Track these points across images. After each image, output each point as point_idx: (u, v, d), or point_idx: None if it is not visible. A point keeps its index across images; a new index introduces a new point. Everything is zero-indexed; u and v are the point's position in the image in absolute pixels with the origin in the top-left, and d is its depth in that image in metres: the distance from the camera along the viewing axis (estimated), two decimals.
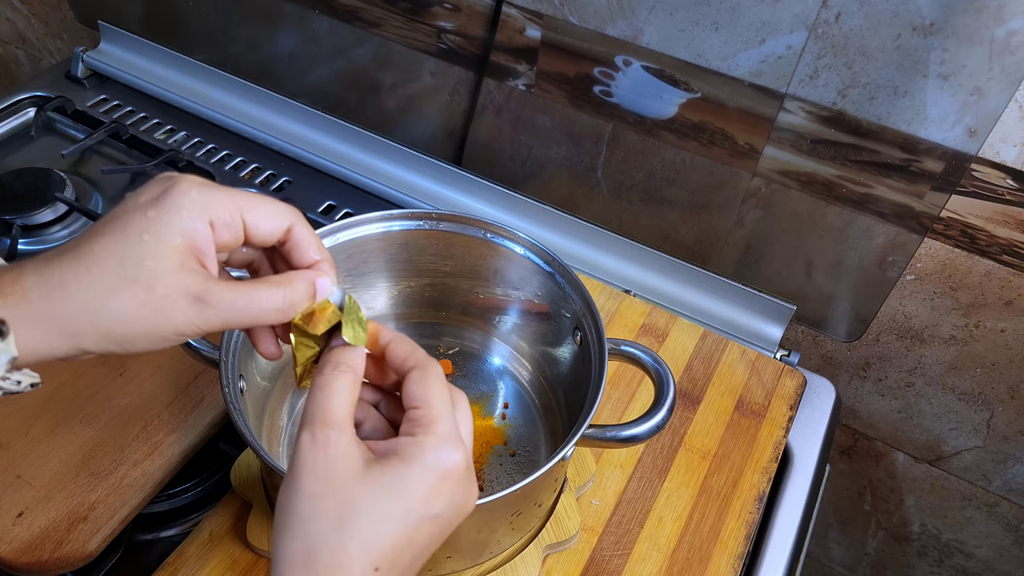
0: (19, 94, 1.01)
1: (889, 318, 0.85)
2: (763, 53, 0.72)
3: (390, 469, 0.35)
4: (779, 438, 0.68)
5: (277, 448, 0.62)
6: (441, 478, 0.36)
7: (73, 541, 0.55)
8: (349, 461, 0.35)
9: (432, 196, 0.91)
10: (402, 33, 0.93)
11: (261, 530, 0.56)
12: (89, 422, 0.61)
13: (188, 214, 0.36)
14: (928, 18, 0.63)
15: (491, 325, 0.69)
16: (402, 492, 0.35)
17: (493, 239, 0.62)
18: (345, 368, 0.38)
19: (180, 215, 0.36)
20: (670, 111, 0.81)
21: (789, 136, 0.75)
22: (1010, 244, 0.73)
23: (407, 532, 0.35)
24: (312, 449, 0.35)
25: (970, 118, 0.66)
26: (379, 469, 0.35)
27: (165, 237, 0.35)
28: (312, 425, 0.36)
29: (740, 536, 0.62)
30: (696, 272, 0.82)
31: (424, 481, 0.36)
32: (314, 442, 0.35)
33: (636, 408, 0.69)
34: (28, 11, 1.39)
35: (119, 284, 0.35)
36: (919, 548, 1.05)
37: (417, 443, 0.36)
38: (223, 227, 0.37)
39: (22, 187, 0.85)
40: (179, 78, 1.04)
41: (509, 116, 0.93)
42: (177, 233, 0.35)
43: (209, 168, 0.92)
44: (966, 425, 0.89)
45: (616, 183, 0.90)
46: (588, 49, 0.81)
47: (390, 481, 0.35)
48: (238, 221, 0.37)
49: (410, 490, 0.35)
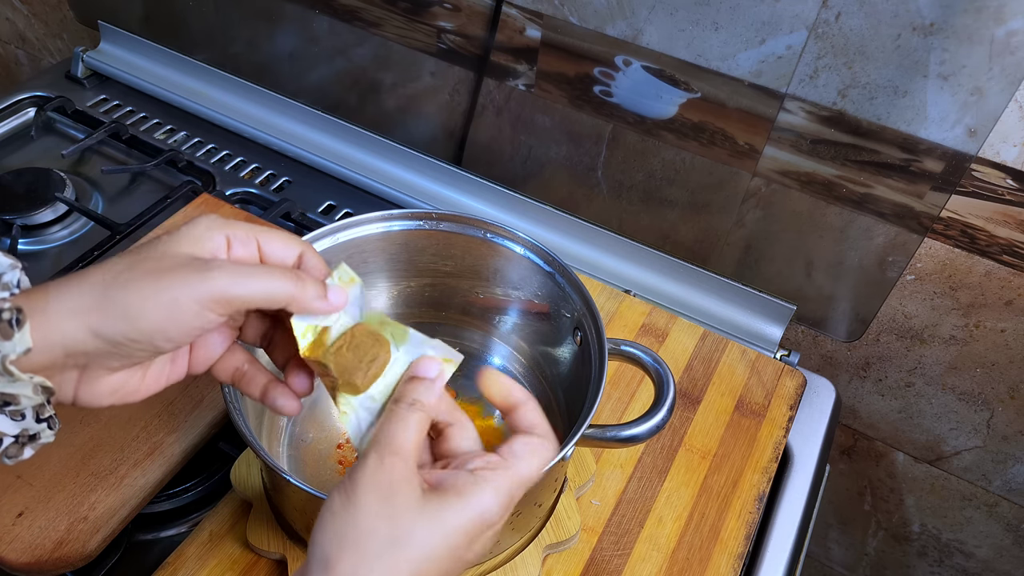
0: (19, 94, 1.01)
1: (889, 318, 0.85)
2: (763, 53, 0.72)
3: (448, 505, 0.36)
4: (779, 438, 0.68)
5: (277, 448, 0.62)
6: (487, 526, 0.37)
7: (73, 541, 0.55)
8: (410, 488, 0.36)
9: (432, 196, 0.91)
10: (402, 33, 0.93)
11: (261, 530, 0.56)
12: (89, 422, 0.61)
13: (206, 225, 0.39)
14: (928, 18, 0.63)
15: (491, 325, 0.69)
16: (455, 530, 0.36)
17: (493, 239, 0.62)
18: (420, 406, 0.40)
19: (198, 227, 0.39)
20: (670, 111, 0.81)
21: (789, 136, 0.75)
22: (1010, 244, 0.73)
23: (445, 566, 0.36)
24: (378, 470, 0.36)
25: (970, 118, 0.66)
26: (437, 502, 0.36)
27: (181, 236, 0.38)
28: (382, 451, 0.37)
29: (740, 536, 0.62)
30: (696, 272, 0.82)
31: (474, 524, 0.37)
32: (380, 464, 0.37)
33: (636, 408, 0.69)
34: (28, 11, 1.39)
35: (131, 264, 0.37)
36: (919, 548, 1.05)
37: (476, 484, 0.37)
38: (239, 244, 0.40)
39: (22, 187, 0.85)
40: (179, 78, 1.04)
41: (509, 116, 0.93)
42: (194, 236, 0.39)
43: (209, 168, 0.92)
44: (966, 425, 0.89)
45: (616, 183, 0.90)
46: (588, 49, 0.81)
47: (447, 517, 0.36)
48: (253, 242, 0.40)
49: (461, 531, 0.36)
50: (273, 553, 0.56)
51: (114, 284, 0.36)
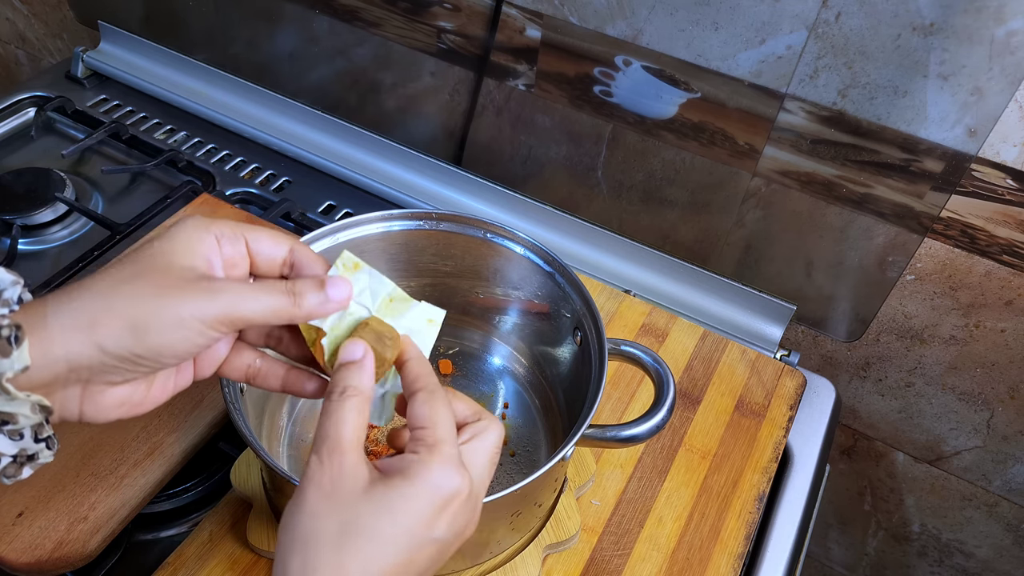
0: (19, 94, 1.01)
1: (889, 318, 0.85)
2: (763, 53, 0.72)
3: (393, 487, 0.36)
4: (779, 438, 0.68)
5: (277, 448, 0.62)
6: (445, 501, 0.36)
7: (73, 541, 0.55)
8: (354, 479, 0.36)
9: (432, 196, 0.91)
10: (402, 33, 0.93)
11: (261, 530, 0.56)
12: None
13: (193, 225, 0.39)
14: (928, 18, 0.63)
15: (491, 325, 0.69)
16: (405, 512, 0.35)
17: (493, 239, 0.62)
18: (352, 392, 0.39)
19: (186, 227, 0.39)
20: (670, 111, 0.81)
21: (789, 136, 0.75)
22: (1010, 244, 0.73)
23: (408, 553, 0.35)
24: (319, 470, 0.36)
25: (970, 118, 0.66)
26: (383, 487, 0.36)
27: (174, 240, 0.38)
28: (320, 449, 0.37)
29: (740, 536, 0.62)
30: (696, 272, 0.82)
31: (427, 501, 0.36)
32: (320, 464, 0.36)
33: (636, 408, 0.69)
34: (28, 11, 1.39)
35: (134, 274, 0.37)
36: (919, 548, 1.05)
37: (421, 461, 0.37)
38: (227, 242, 0.39)
39: (22, 187, 0.85)
40: (179, 78, 1.04)
41: (509, 116, 0.93)
42: (185, 238, 0.38)
43: (209, 168, 0.92)
44: (966, 425, 0.89)
45: (616, 183, 0.90)
46: (588, 49, 0.81)
47: (393, 499, 0.35)
48: (241, 239, 0.40)
49: (413, 511, 0.36)
50: (273, 553, 0.56)
51: (118, 297, 0.36)
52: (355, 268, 0.43)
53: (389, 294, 0.44)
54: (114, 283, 0.36)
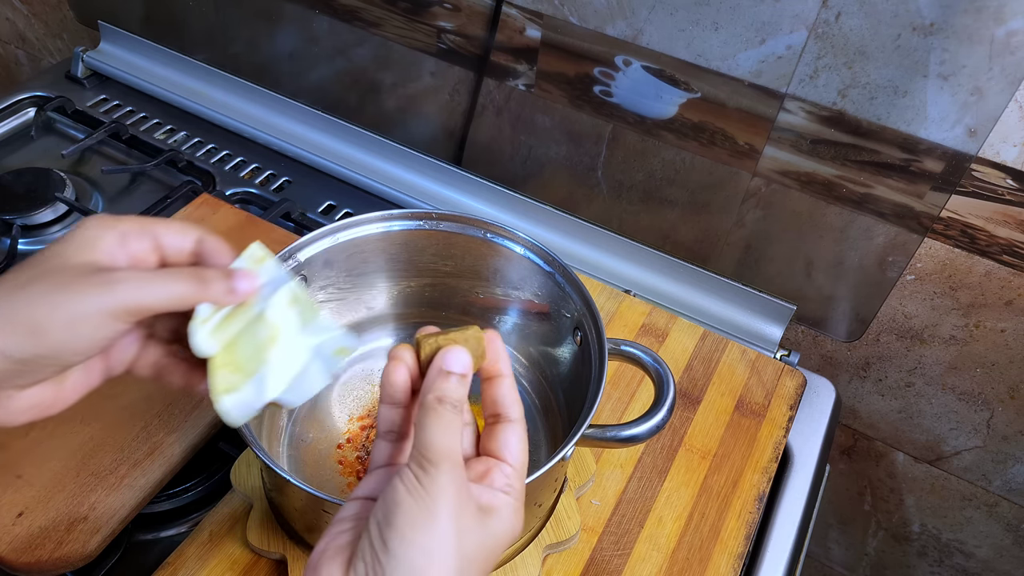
0: (19, 94, 1.01)
1: (889, 318, 0.85)
2: (763, 53, 0.72)
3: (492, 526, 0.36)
4: (779, 438, 0.68)
5: (277, 448, 0.62)
6: (509, 543, 0.37)
7: (73, 541, 0.55)
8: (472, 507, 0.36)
9: (432, 196, 0.92)
10: (402, 33, 0.93)
11: (261, 530, 0.56)
12: (89, 422, 0.61)
13: (94, 223, 0.39)
14: (928, 18, 0.63)
15: (491, 325, 0.69)
16: (492, 550, 0.36)
17: (493, 239, 0.62)
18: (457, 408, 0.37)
19: (86, 226, 0.39)
20: (670, 111, 0.81)
21: (789, 136, 0.75)
22: (1010, 244, 0.73)
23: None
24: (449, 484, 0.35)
25: (970, 118, 0.66)
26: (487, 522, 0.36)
27: (72, 240, 0.38)
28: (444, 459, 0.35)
29: (740, 536, 0.62)
30: (696, 272, 0.82)
31: (506, 544, 0.37)
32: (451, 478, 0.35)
33: (636, 408, 0.69)
34: (28, 11, 1.39)
35: (30, 278, 0.36)
36: (919, 548, 1.05)
37: (514, 509, 0.37)
38: (134, 237, 0.39)
39: (22, 187, 0.85)
40: (179, 78, 1.04)
41: (509, 116, 0.93)
42: (82, 237, 0.38)
43: (209, 168, 0.92)
44: (966, 425, 0.89)
45: (616, 183, 0.90)
46: (588, 49, 0.81)
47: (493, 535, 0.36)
48: (148, 234, 0.40)
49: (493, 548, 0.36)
50: (273, 553, 0.56)
51: (15, 300, 0.35)
52: (261, 261, 0.43)
53: (293, 292, 0.43)
54: (11, 289, 0.36)
